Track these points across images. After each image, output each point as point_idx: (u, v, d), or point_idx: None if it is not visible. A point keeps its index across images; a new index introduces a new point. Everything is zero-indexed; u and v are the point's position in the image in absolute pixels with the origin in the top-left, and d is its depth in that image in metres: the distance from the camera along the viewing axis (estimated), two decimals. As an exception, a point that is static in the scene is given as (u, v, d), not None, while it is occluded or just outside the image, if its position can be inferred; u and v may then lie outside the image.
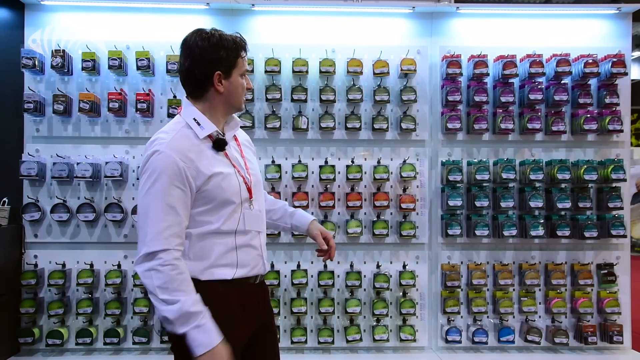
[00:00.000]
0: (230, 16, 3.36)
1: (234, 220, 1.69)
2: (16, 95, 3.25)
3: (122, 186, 3.28)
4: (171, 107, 3.23)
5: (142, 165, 1.63)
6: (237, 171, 1.72)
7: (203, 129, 1.67)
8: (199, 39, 1.66)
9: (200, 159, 1.63)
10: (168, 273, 1.54)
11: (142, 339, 3.19)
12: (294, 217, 2.03)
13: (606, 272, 3.35)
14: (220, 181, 1.65)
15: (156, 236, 1.57)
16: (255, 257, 1.77)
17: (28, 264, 3.23)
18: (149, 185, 1.58)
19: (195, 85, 1.71)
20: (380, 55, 3.31)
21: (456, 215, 3.33)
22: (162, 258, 1.54)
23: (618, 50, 3.36)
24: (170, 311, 1.52)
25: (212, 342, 1.53)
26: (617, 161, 3.31)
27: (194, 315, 1.53)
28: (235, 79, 1.71)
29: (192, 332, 1.52)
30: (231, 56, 1.69)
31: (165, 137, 1.63)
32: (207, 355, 1.52)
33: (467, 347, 3.35)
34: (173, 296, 1.52)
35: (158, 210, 1.57)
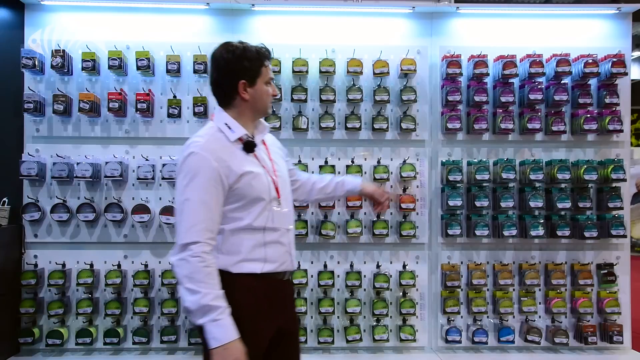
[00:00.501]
0: (230, 16, 3.36)
1: (264, 218, 1.80)
2: (16, 95, 3.25)
3: (122, 186, 3.28)
4: (171, 107, 3.23)
5: (179, 166, 1.76)
6: (266, 171, 1.84)
7: (233, 132, 1.81)
8: (225, 51, 1.83)
9: (232, 159, 1.76)
10: (195, 264, 1.64)
11: (142, 339, 3.19)
12: (345, 185, 2.23)
13: (606, 272, 3.35)
14: (250, 180, 1.77)
15: (189, 229, 1.68)
16: (283, 253, 1.87)
17: (28, 264, 3.23)
18: (186, 183, 1.71)
19: (223, 94, 1.86)
20: (380, 55, 3.31)
21: (456, 215, 3.33)
22: (193, 250, 1.65)
23: (618, 50, 3.36)
24: (192, 301, 1.62)
25: (226, 338, 1.62)
26: (617, 161, 3.31)
27: (213, 309, 1.62)
28: (260, 87, 1.85)
29: (209, 325, 1.62)
30: (255, 66, 1.84)
31: (200, 140, 1.76)
32: (220, 349, 1.61)
33: (467, 347, 3.35)
34: (196, 287, 1.62)
35: (193, 206, 1.69)
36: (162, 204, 3.24)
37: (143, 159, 3.25)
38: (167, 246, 3.29)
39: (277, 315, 1.84)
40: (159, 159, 3.29)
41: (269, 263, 1.81)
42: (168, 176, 3.18)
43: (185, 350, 3.27)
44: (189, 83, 3.31)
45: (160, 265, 3.29)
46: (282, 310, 1.87)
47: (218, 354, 1.61)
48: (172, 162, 3.20)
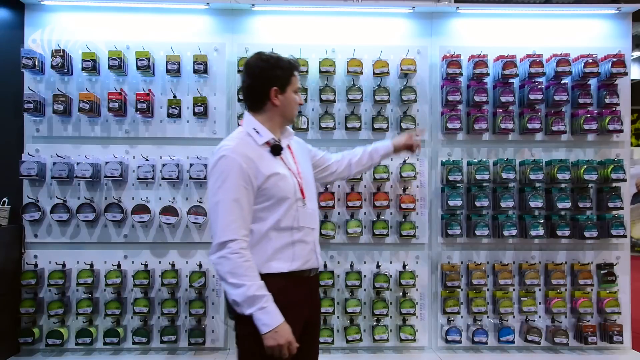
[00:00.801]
0: (230, 16, 3.36)
1: (290, 217, 1.91)
2: (16, 95, 3.25)
3: (122, 186, 3.28)
4: (171, 107, 3.23)
5: (211, 168, 1.87)
6: (291, 173, 1.96)
7: (261, 137, 1.93)
8: (259, 60, 1.95)
9: (260, 161, 1.87)
10: (235, 260, 1.76)
11: (142, 339, 3.19)
12: (379, 151, 2.45)
13: (606, 272, 3.35)
14: (277, 181, 1.88)
15: (226, 228, 1.79)
16: (309, 251, 1.97)
17: (28, 264, 3.23)
18: (219, 185, 1.81)
19: (255, 99, 1.97)
20: (380, 55, 3.31)
21: (456, 215, 3.33)
22: (231, 247, 1.77)
23: (618, 50, 3.37)
24: (238, 294, 1.75)
25: (274, 322, 1.76)
26: (617, 161, 3.31)
27: (259, 298, 1.75)
28: (289, 95, 1.99)
29: (257, 313, 1.75)
30: (286, 74, 1.96)
31: (230, 144, 1.88)
32: (271, 333, 1.75)
33: (467, 347, 3.35)
34: (240, 280, 1.75)
35: (227, 206, 1.80)
36: (162, 204, 3.24)
37: (143, 159, 3.25)
38: (167, 246, 3.29)
39: (304, 311, 1.96)
40: (159, 159, 3.29)
41: (295, 261, 1.91)
42: (168, 176, 3.18)
43: (185, 350, 3.27)
44: (189, 83, 3.31)
45: (160, 265, 3.29)
46: (308, 305, 1.99)
47: (270, 337, 1.75)
48: (172, 162, 3.21)
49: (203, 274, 3.21)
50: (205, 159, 3.24)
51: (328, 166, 2.36)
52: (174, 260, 3.28)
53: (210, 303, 3.29)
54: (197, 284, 3.19)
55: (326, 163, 2.35)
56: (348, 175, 2.46)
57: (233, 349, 3.28)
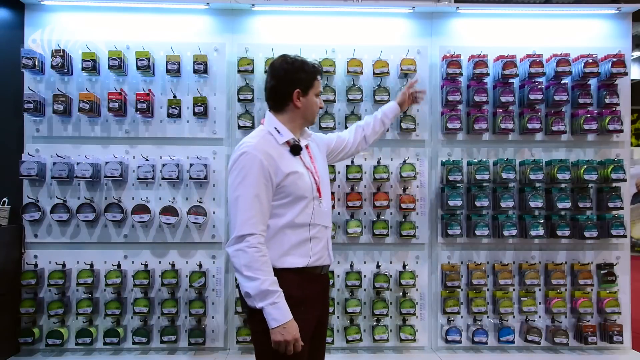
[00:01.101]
0: (230, 16, 3.36)
1: (307, 215, 1.96)
2: (16, 95, 3.25)
3: (122, 186, 3.28)
4: (171, 107, 3.23)
5: (232, 164, 1.93)
6: (309, 173, 2.01)
7: (282, 136, 1.99)
8: (284, 62, 2.01)
9: (280, 159, 1.93)
10: (252, 254, 1.81)
11: (142, 339, 3.19)
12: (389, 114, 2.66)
13: (606, 272, 3.35)
14: (296, 179, 1.93)
15: (245, 222, 1.84)
16: (322, 248, 2.02)
17: (28, 264, 3.23)
18: (240, 180, 1.87)
19: (278, 100, 2.04)
20: (380, 55, 3.31)
21: (456, 215, 3.33)
22: (249, 241, 1.82)
23: (618, 50, 3.37)
24: (252, 287, 1.80)
25: (284, 318, 1.81)
26: (617, 161, 3.31)
27: (271, 293, 1.80)
28: (311, 97, 2.05)
29: (268, 308, 1.80)
30: (309, 78, 2.03)
31: (252, 141, 1.94)
32: (279, 328, 1.80)
33: (467, 347, 3.35)
34: (255, 274, 1.80)
35: (247, 201, 1.85)
36: (162, 204, 3.24)
37: (143, 159, 3.25)
38: (167, 246, 3.29)
39: (316, 308, 2.01)
40: (159, 159, 3.29)
41: (309, 258, 1.96)
42: (168, 176, 3.18)
43: (185, 350, 3.27)
44: (189, 83, 3.31)
45: (160, 265, 3.29)
46: (321, 303, 2.05)
47: (278, 332, 1.80)
48: (172, 162, 3.21)
49: (203, 274, 3.21)
50: (205, 158, 3.24)
51: (345, 146, 2.50)
52: (174, 260, 3.28)
53: (210, 303, 3.29)
54: (197, 284, 3.19)
55: (343, 144, 2.49)
56: (366, 146, 2.63)
57: (233, 349, 3.28)
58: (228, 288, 3.31)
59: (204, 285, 3.22)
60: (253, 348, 2.02)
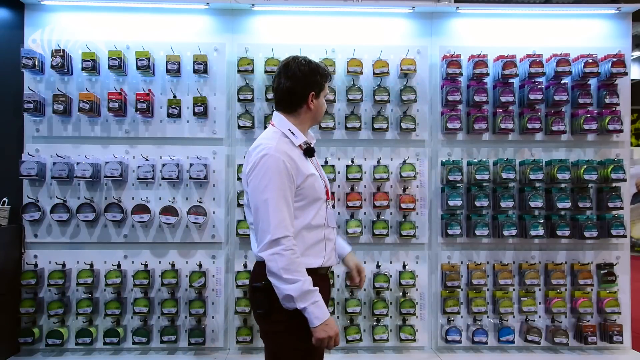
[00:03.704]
0: (230, 16, 3.36)
1: (321, 216, 1.97)
2: (16, 95, 3.25)
3: (122, 186, 3.28)
4: (171, 107, 3.23)
5: (253, 166, 1.88)
6: (320, 175, 2.03)
7: (297, 138, 1.98)
8: (300, 64, 1.99)
9: (299, 161, 1.92)
10: (289, 257, 1.80)
11: (142, 339, 3.19)
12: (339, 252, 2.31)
13: (606, 272, 3.35)
14: (313, 181, 1.94)
15: (278, 225, 1.82)
16: (331, 249, 2.04)
17: (28, 264, 3.23)
18: (266, 182, 1.84)
19: (293, 101, 2.01)
20: (380, 55, 3.31)
21: (456, 215, 3.33)
22: (284, 244, 1.81)
23: (618, 50, 3.37)
24: (293, 289, 1.79)
25: (326, 315, 1.82)
26: (617, 161, 3.31)
27: (312, 292, 1.81)
28: (321, 100, 2.05)
29: (311, 307, 1.80)
30: (322, 81, 2.03)
31: (270, 143, 1.90)
32: (322, 326, 1.80)
33: (467, 347, 3.35)
34: (294, 276, 1.79)
35: (277, 203, 1.83)
36: (162, 204, 3.24)
37: (143, 159, 3.25)
38: (167, 246, 3.29)
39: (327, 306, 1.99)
40: (159, 159, 3.29)
41: (323, 258, 1.98)
42: (168, 176, 3.18)
43: (185, 350, 3.27)
44: (189, 83, 3.31)
45: (160, 265, 3.29)
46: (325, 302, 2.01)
47: (322, 330, 1.80)
48: (172, 162, 3.21)
49: (203, 274, 3.21)
50: (205, 158, 3.24)
51: None
52: (174, 260, 3.28)
53: (210, 303, 3.29)
54: (197, 284, 3.19)
55: None
56: None
57: (233, 349, 3.28)
58: (228, 288, 3.31)
59: (204, 285, 3.22)
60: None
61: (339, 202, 3.32)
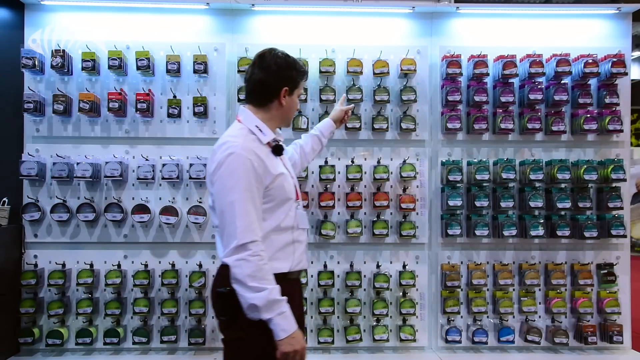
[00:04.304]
0: (230, 16, 3.36)
1: (291, 218, 1.89)
2: (16, 95, 3.25)
3: (122, 186, 3.28)
4: (171, 107, 3.23)
5: (218, 166, 1.77)
6: (289, 174, 1.94)
7: (265, 136, 1.87)
8: (276, 57, 1.91)
9: (267, 160, 1.83)
10: (256, 263, 1.70)
11: (142, 339, 3.19)
12: (324, 133, 2.55)
13: (606, 272, 3.35)
14: (282, 181, 1.85)
15: (246, 229, 1.71)
16: (302, 252, 1.96)
17: (28, 264, 3.23)
18: (232, 183, 1.74)
19: (264, 94, 1.92)
20: (380, 55, 3.31)
21: (456, 215, 3.33)
22: (252, 249, 1.70)
23: (618, 50, 3.37)
24: (259, 298, 1.68)
25: (292, 327, 1.72)
26: (617, 161, 3.31)
27: (279, 302, 1.71)
28: (294, 98, 1.97)
29: (277, 318, 1.70)
30: (298, 77, 1.95)
31: (236, 140, 1.79)
32: (288, 339, 1.70)
33: (467, 347, 3.35)
34: (261, 284, 1.69)
35: (244, 206, 1.73)
36: (162, 204, 3.24)
37: (143, 159, 3.25)
38: (167, 246, 3.29)
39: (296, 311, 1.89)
40: (159, 159, 3.29)
41: (293, 262, 1.90)
42: (168, 176, 3.18)
43: (185, 350, 3.27)
44: (189, 83, 3.31)
45: (160, 265, 3.29)
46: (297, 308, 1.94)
47: (288, 343, 1.70)
48: (172, 162, 3.21)
49: (203, 274, 3.21)
50: (205, 158, 3.24)
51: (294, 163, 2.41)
52: (174, 260, 3.28)
53: (210, 303, 3.29)
54: (197, 284, 3.19)
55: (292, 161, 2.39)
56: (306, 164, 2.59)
57: (233, 349, 3.28)
58: (228, 288, 3.31)
59: (204, 285, 3.22)
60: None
61: (339, 202, 3.32)
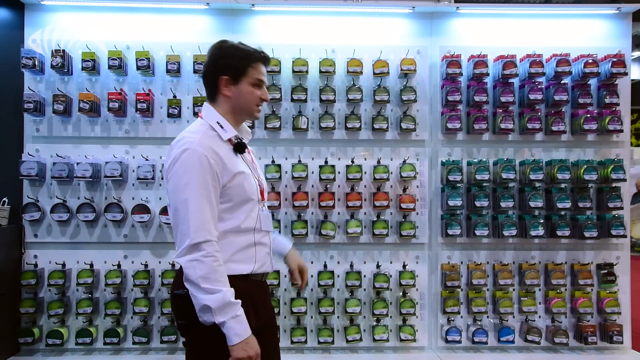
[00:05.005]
0: (230, 16, 3.36)
1: (252, 219, 1.80)
2: (16, 95, 3.25)
3: (122, 186, 3.28)
4: (171, 107, 3.23)
5: (173, 162, 1.70)
6: (253, 174, 1.84)
7: (226, 132, 1.79)
8: (214, 47, 1.83)
9: (226, 157, 1.74)
10: (210, 264, 1.62)
11: (142, 339, 3.19)
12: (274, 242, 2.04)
13: (606, 272, 3.35)
14: (242, 180, 1.76)
15: (199, 228, 1.64)
16: (265, 254, 1.87)
17: (28, 263, 3.23)
18: (186, 180, 1.66)
19: (207, 87, 1.86)
20: (380, 55, 3.31)
21: (456, 215, 3.33)
22: (205, 250, 1.63)
23: (618, 50, 3.37)
24: (212, 300, 1.60)
25: (246, 332, 1.64)
26: (617, 161, 3.31)
27: (233, 306, 1.63)
28: (244, 87, 1.81)
29: (230, 322, 1.62)
30: (241, 64, 1.80)
31: (193, 136, 1.72)
32: (242, 344, 1.62)
33: (467, 347, 3.35)
34: (215, 286, 1.61)
35: (198, 204, 1.65)
36: (162, 203, 3.24)
37: (143, 159, 3.25)
38: (167, 246, 3.29)
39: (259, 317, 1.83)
40: (159, 159, 3.29)
41: (254, 264, 1.80)
42: (168, 176, 3.18)
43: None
44: (189, 83, 3.31)
45: (160, 265, 3.29)
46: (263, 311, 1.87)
47: (241, 349, 1.62)
48: (172, 162, 3.20)
49: (203, 274, 3.20)
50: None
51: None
52: (174, 260, 3.27)
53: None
54: (197, 284, 3.19)
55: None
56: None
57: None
58: (228, 288, 3.31)
59: (204, 285, 3.21)
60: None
61: (339, 202, 3.31)
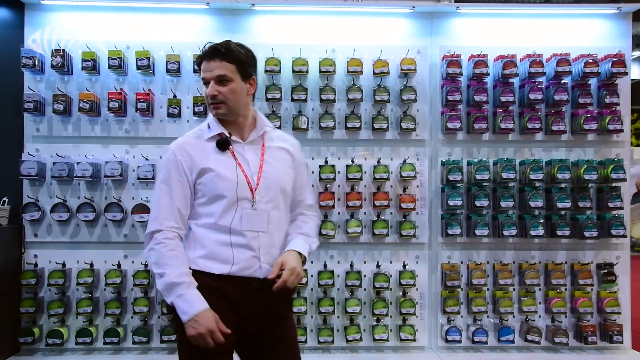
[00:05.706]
0: (230, 16, 3.36)
1: (229, 218, 1.78)
2: (16, 95, 3.25)
3: (122, 186, 3.28)
4: (171, 107, 3.23)
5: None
6: (240, 170, 1.81)
7: (209, 131, 1.87)
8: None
9: (199, 154, 1.81)
10: (160, 250, 1.74)
11: (142, 339, 3.19)
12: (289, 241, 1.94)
13: (606, 272, 3.35)
14: (214, 177, 1.78)
15: (154, 220, 1.79)
16: (249, 258, 1.77)
17: (28, 263, 3.23)
18: (158, 178, 1.87)
19: None
20: (380, 55, 3.31)
21: (456, 215, 3.33)
22: (157, 238, 1.75)
23: (618, 50, 3.36)
24: (160, 283, 1.72)
25: (193, 309, 1.66)
26: (617, 161, 3.31)
27: (177, 285, 1.68)
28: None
29: (177, 301, 1.69)
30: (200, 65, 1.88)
31: (180, 139, 1.89)
32: (191, 322, 1.66)
33: (467, 346, 3.35)
34: (162, 269, 1.71)
35: (160, 197, 1.80)
36: (162, 203, 3.24)
37: (143, 158, 3.25)
38: (167, 246, 3.29)
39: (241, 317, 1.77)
40: (159, 158, 3.28)
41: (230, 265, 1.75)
42: (168, 176, 3.18)
43: (185, 350, 3.26)
44: (189, 83, 3.31)
45: (160, 265, 3.29)
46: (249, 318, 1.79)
47: (190, 326, 1.65)
48: (172, 162, 3.21)
49: (203, 274, 3.20)
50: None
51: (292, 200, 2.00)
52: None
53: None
54: (197, 284, 3.19)
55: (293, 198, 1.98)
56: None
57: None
58: (228, 288, 3.31)
59: (204, 285, 3.21)
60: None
61: (339, 201, 3.31)
